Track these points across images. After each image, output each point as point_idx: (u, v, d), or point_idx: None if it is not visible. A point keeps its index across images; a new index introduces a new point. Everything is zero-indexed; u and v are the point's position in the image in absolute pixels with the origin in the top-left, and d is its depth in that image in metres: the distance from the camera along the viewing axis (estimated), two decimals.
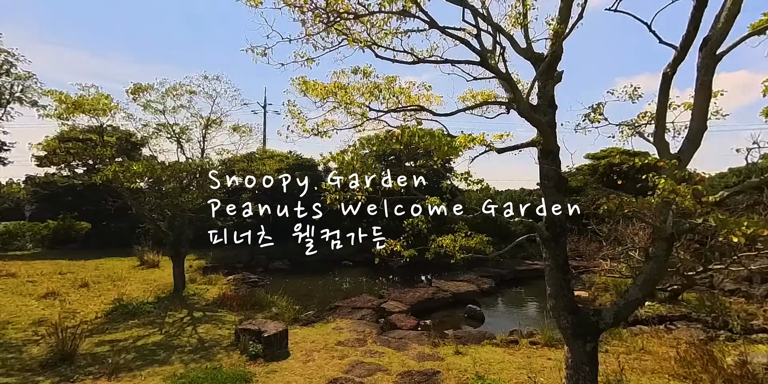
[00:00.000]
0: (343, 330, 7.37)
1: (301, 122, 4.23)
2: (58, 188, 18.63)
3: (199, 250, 16.81)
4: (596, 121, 4.09)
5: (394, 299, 9.69)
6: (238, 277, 11.68)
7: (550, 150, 4.08)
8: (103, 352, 5.96)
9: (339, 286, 12.81)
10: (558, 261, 3.92)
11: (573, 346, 3.80)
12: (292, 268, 15.71)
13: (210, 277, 11.56)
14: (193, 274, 11.96)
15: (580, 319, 3.77)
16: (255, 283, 11.29)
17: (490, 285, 11.69)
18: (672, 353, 5.65)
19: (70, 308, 8.30)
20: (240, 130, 11.32)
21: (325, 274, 14.71)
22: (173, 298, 9.35)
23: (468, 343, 6.66)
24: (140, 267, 13.30)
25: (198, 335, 6.82)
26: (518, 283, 13.27)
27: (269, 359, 5.78)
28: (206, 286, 10.71)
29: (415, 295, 10.00)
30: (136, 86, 9.33)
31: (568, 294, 3.89)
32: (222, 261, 15.35)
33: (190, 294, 9.74)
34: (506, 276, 13.53)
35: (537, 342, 6.74)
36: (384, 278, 14.73)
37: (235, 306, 8.49)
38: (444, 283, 11.65)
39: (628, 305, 3.60)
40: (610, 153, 19.46)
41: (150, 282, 11.16)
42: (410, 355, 6.07)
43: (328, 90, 4.32)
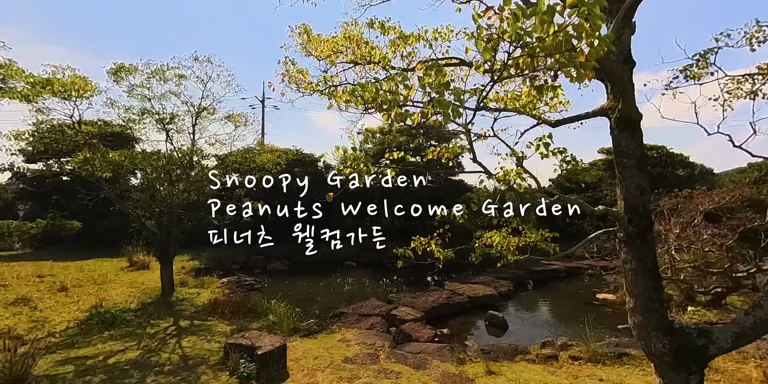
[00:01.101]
0: (350, 342, 6.38)
1: (301, 75, 3.20)
2: (46, 185, 17.66)
3: (193, 251, 15.88)
4: (697, 78, 3.08)
5: (405, 305, 8.71)
6: (233, 280, 10.70)
7: (630, 117, 3.10)
8: (64, 373, 4.97)
9: (342, 288, 11.83)
10: (646, 264, 2.93)
11: (670, 379, 2.82)
12: (292, 269, 14.73)
13: (202, 280, 10.58)
14: (184, 277, 10.98)
15: (680, 343, 2.79)
16: (251, 287, 10.31)
17: (508, 288, 10.70)
18: (755, 373, 4.67)
19: (41, 317, 7.31)
20: (234, 119, 10.37)
21: (327, 276, 13.73)
22: (159, 304, 8.37)
23: (499, 358, 5.68)
24: (129, 269, 12.31)
25: (182, 350, 5.83)
26: (537, 285, 12.28)
27: (264, 381, 4.80)
28: (197, 290, 9.73)
29: (428, 300, 9.02)
30: (119, 66, 8.34)
31: (660, 308, 2.90)
32: (217, 262, 14.37)
33: (179, 299, 8.75)
34: (523, 277, 12.54)
35: (578, 357, 5.76)
36: (389, 280, 13.76)
37: (228, 313, 7.51)
38: (458, 285, 10.66)
39: (760, 325, 2.61)
40: None
41: (137, 285, 10.18)
42: (432, 376, 5.08)
43: (336, 44, 3.33)
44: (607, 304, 10.09)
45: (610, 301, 10.23)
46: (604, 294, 10.74)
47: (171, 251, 9.17)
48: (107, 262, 13.34)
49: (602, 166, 19.17)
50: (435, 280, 14.02)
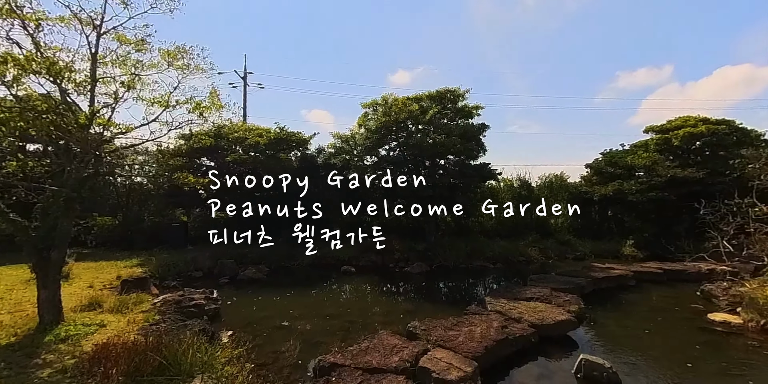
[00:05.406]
0: None
1: None
2: None
3: (149, 253, 12.41)
4: None
5: (439, 344, 5.26)
6: (173, 299, 7.16)
7: None
8: None
9: (337, 306, 8.37)
10: None
11: None
12: (271, 277, 11.24)
13: (127, 299, 7.05)
14: (100, 294, 7.44)
15: None
16: (198, 310, 6.78)
17: (578, 306, 7.26)
18: None
19: None
20: (198, 106, 6.48)
21: (317, 285, 10.28)
22: (20, 349, 4.86)
23: None
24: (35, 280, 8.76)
25: None
26: (604, 297, 8.87)
27: None
28: (106, 318, 6.20)
29: (473, 334, 5.56)
30: None
31: None
32: (172, 269, 10.87)
33: (59, 338, 5.22)
34: (585, 288, 9.13)
35: None
36: (399, 289, 10.33)
37: (118, 375, 4.00)
38: (506, 303, 7.22)
39: None
40: (685, 122, 15.09)
41: (25, 308, 6.68)
42: None
43: None
44: (733, 330, 6.70)
45: (736, 326, 6.85)
46: (721, 314, 7.34)
47: (55, 257, 5.64)
48: (16, 270, 9.79)
49: (654, 147, 15.77)
50: (460, 292, 10.58)
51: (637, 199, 14.01)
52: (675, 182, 13.43)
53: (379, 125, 12.58)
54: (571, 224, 17.54)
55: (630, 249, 14.53)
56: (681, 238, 12.39)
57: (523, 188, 18.50)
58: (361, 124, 13.96)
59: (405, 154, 13.65)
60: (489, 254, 13.67)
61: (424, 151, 12.74)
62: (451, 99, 13.73)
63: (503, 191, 18.61)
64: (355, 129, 14.37)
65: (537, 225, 16.98)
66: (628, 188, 14.33)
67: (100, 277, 9.37)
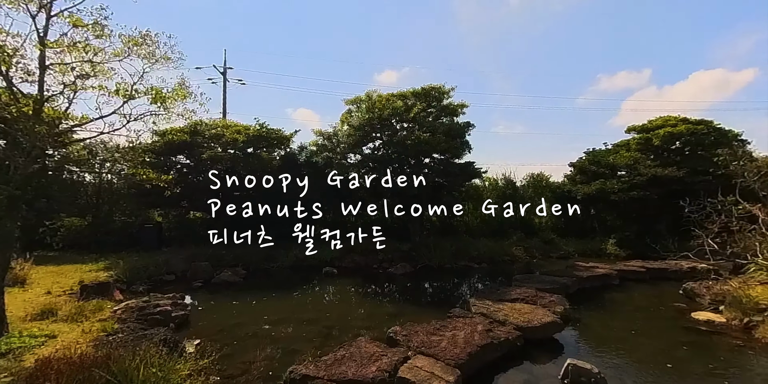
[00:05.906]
0: None
1: None
2: None
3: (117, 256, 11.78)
4: None
5: (420, 350, 4.96)
6: (136, 305, 6.65)
7: None
8: None
9: (316, 310, 7.99)
10: None
11: None
12: (249, 279, 10.76)
13: (86, 306, 6.51)
14: (57, 300, 6.86)
15: None
16: (163, 317, 6.30)
17: (563, 306, 7.09)
18: None
19: None
20: (158, 96, 6.02)
21: (297, 288, 9.86)
22: None
23: None
24: None
25: None
26: (588, 296, 8.77)
27: None
28: (58, 328, 5.67)
29: (456, 339, 5.29)
30: None
31: None
32: (142, 272, 10.26)
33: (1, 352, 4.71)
34: (570, 287, 9.01)
35: None
36: (382, 291, 10.03)
37: None
38: (491, 305, 6.99)
39: None
40: (666, 122, 15.27)
41: None
42: None
43: None
44: (717, 329, 6.64)
45: (719, 325, 6.80)
46: (704, 313, 7.29)
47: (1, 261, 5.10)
48: None
49: (636, 146, 15.92)
50: (445, 293, 10.35)
51: (619, 198, 14.07)
52: (656, 181, 13.53)
53: (362, 122, 12.23)
54: (555, 223, 17.58)
55: (613, 247, 14.60)
56: (663, 236, 12.46)
57: (508, 187, 18.45)
58: (344, 121, 13.59)
59: (389, 152, 13.33)
60: (474, 254, 13.48)
61: (409, 149, 12.45)
62: (436, 96, 13.49)
63: (488, 190, 18.52)
64: (339, 126, 13.98)
65: (521, 224, 16.94)
66: (610, 187, 14.39)
67: (61, 282, 8.74)
